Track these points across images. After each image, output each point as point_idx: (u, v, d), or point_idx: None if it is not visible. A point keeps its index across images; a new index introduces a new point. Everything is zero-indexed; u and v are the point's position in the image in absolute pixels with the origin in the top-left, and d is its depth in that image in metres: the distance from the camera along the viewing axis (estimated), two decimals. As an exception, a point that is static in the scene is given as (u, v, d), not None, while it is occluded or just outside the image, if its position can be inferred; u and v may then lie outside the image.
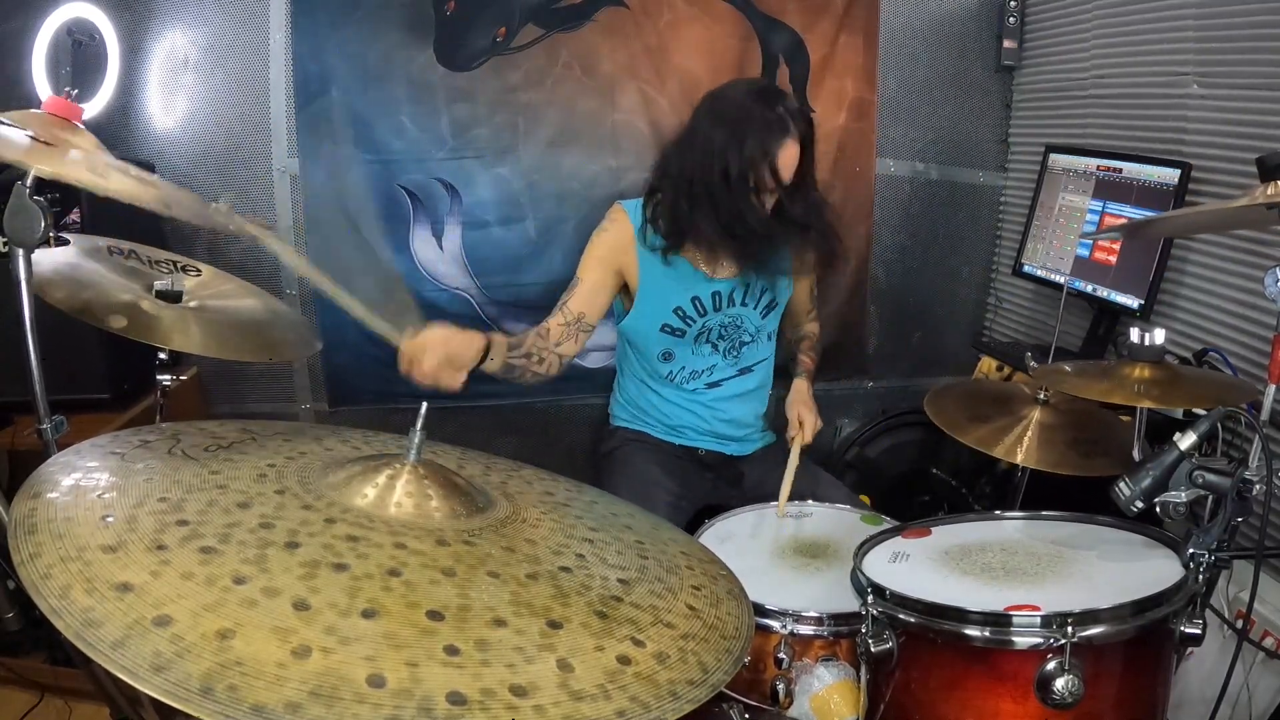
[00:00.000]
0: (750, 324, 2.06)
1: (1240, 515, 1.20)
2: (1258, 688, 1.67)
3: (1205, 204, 2.10)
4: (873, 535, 1.44)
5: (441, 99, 2.54)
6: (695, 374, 2.07)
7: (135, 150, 2.43)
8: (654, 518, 1.27)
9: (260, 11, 2.46)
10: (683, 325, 2.01)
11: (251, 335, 1.68)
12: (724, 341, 2.06)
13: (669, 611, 0.92)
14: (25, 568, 0.74)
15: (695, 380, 2.08)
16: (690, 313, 2.00)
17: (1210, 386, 1.56)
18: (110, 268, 1.62)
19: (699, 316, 2.01)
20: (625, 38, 2.60)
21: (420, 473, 1.00)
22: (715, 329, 2.03)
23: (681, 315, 2.00)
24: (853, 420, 3.08)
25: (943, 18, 2.88)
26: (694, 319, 2.01)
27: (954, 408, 1.76)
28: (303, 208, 2.56)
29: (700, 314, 2.01)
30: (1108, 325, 2.42)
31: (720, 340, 2.05)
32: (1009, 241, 3.02)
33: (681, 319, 2.00)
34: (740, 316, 2.04)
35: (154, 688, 0.64)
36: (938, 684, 1.20)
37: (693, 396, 2.09)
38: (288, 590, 0.76)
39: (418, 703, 0.68)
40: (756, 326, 2.07)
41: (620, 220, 2.00)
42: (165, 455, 1.00)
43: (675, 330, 2.01)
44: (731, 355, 2.08)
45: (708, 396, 2.09)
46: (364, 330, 2.62)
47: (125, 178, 1.24)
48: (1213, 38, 2.14)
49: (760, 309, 2.06)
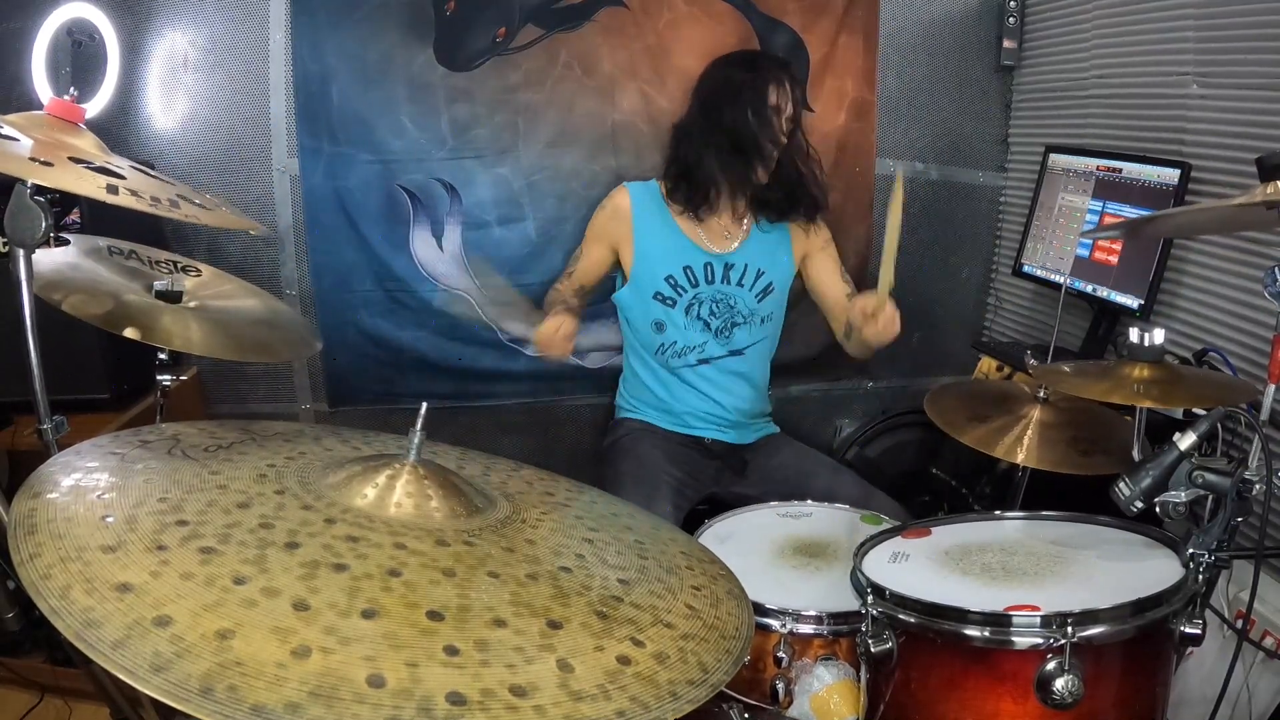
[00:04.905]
0: (744, 305, 2.11)
1: (1240, 515, 1.20)
2: (1258, 688, 1.68)
3: (1205, 203, 2.10)
4: (873, 535, 1.44)
5: (441, 99, 2.54)
6: (686, 349, 2.13)
7: (135, 150, 2.43)
8: (654, 518, 1.27)
9: (260, 11, 2.46)
10: (674, 294, 2.08)
11: (251, 335, 1.68)
12: (715, 319, 2.10)
13: (669, 611, 0.92)
14: (25, 568, 0.74)
15: (686, 356, 2.13)
16: (682, 281, 2.08)
17: (1210, 386, 1.56)
18: (110, 268, 1.62)
19: (690, 286, 2.09)
20: (625, 38, 2.60)
21: (420, 473, 1.00)
22: (707, 303, 2.10)
23: (673, 284, 2.08)
24: (853, 420, 3.08)
25: (943, 18, 2.88)
26: (685, 288, 2.09)
27: (954, 408, 1.76)
28: (303, 208, 2.56)
29: (692, 284, 2.09)
30: (1107, 325, 2.42)
31: (712, 317, 2.10)
32: (1009, 241, 3.02)
33: (673, 287, 2.08)
34: (733, 296, 2.10)
35: (154, 688, 0.64)
36: (938, 684, 1.20)
37: (684, 373, 2.13)
38: (287, 590, 0.76)
39: (417, 703, 0.68)
40: (750, 309, 2.11)
41: (619, 196, 2.19)
42: (165, 455, 1.00)
43: (667, 299, 2.09)
44: (724, 336, 2.12)
45: (697, 374, 2.14)
46: (364, 330, 2.63)
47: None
48: (1213, 38, 2.14)
49: (755, 292, 2.11)
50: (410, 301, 2.65)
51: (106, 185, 1.17)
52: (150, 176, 1.34)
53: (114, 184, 1.18)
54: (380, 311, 2.65)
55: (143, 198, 1.20)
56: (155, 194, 1.24)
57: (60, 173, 1.16)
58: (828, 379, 3.06)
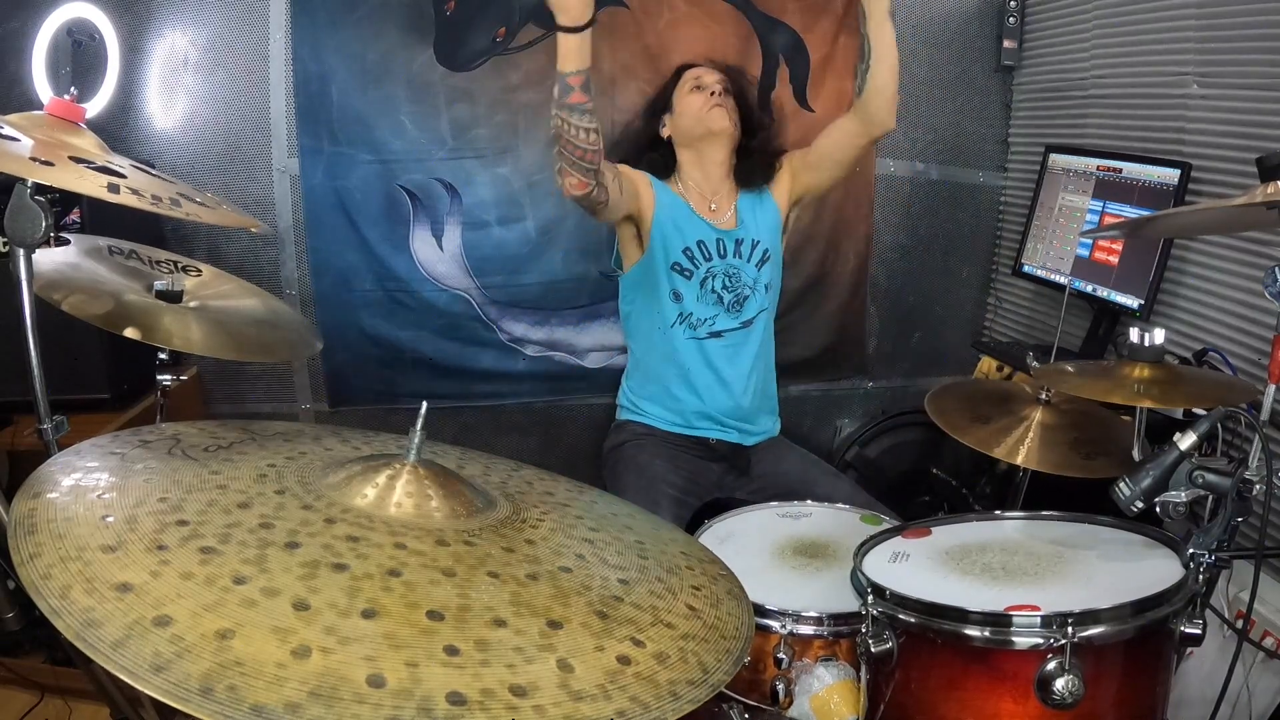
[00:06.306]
0: (748, 276, 2.14)
1: (1240, 515, 1.20)
2: (1258, 688, 1.68)
3: (1205, 203, 2.10)
4: (873, 535, 1.44)
5: (441, 99, 2.54)
6: (700, 321, 2.14)
7: (135, 150, 2.43)
8: (654, 518, 1.27)
9: (260, 11, 2.46)
10: (691, 266, 2.11)
11: (251, 335, 1.68)
12: (728, 293, 2.13)
13: (669, 612, 0.92)
14: (25, 568, 0.74)
15: (701, 328, 2.14)
16: (697, 255, 2.11)
17: (1210, 386, 1.56)
18: (110, 268, 1.62)
19: (704, 260, 2.11)
20: (625, 38, 2.61)
21: (420, 473, 1.00)
22: (720, 276, 2.12)
23: (690, 256, 2.11)
24: (853, 420, 3.08)
25: (943, 18, 2.88)
26: (700, 261, 2.11)
27: (954, 408, 1.76)
28: (303, 208, 2.56)
29: (705, 258, 2.11)
30: (1108, 325, 2.42)
31: (725, 290, 2.13)
32: (1009, 241, 3.02)
33: (690, 259, 2.11)
34: (739, 269, 2.13)
35: (154, 688, 0.64)
36: (938, 684, 1.20)
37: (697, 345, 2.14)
38: (287, 590, 0.76)
39: (417, 703, 0.68)
40: (753, 279, 2.15)
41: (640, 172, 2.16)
42: (165, 455, 1.00)
43: (684, 270, 2.11)
44: (735, 309, 2.14)
45: (710, 346, 2.14)
46: (364, 330, 2.63)
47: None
48: (1213, 38, 2.14)
49: (755, 262, 2.14)
50: (410, 301, 2.65)
51: (107, 184, 1.17)
52: (151, 175, 1.34)
53: (115, 183, 1.18)
54: (380, 311, 2.65)
55: (144, 196, 1.20)
56: (156, 193, 1.24)
57: (61, 172, 1.16)
58: (828, 379, 3.07)
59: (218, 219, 1.38)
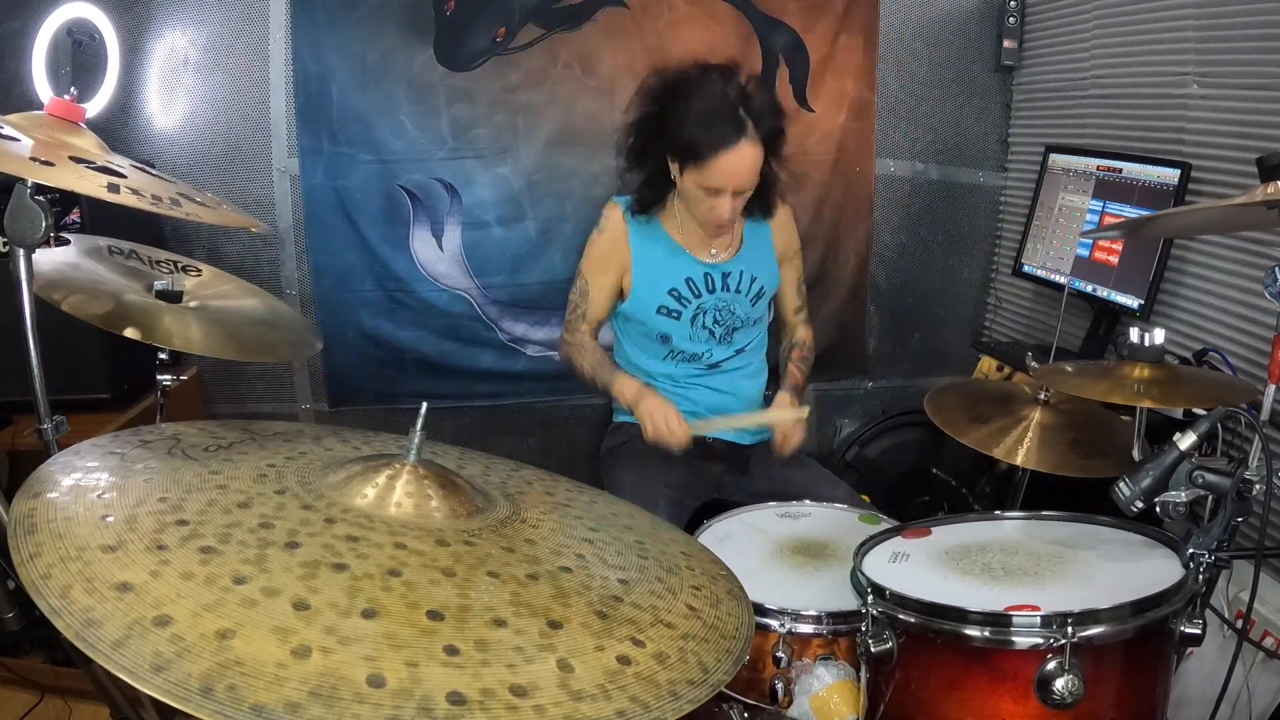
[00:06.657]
0: (741, 310, 2.12)
1: (1240, 515, 1.20)
2: (1258, 688, 1.67)
3: (1205, 203, 2.10)
4: (873, 535, 1.44)
5: (441, 99, 2.54)
6: (694, 357, 2.11)
7: (135, 150, 2.43)
8: (654, 518, 1.27)
9: (260, 11, 2.46)
10: (678, 306, 2.06)
11: (251, 335, 1.68)
12: (719, 326, 2.10)
13: (669, 611, 0.92)
14: (25, 568, 0.74)
15: (695, 363, 2.12)
16: (685, 294, 2.06)
17: (1210, 386, 1.56)
18: (110, 268, 1.62)
19: (694, 298, 2.06)
20: (625, 38, 2.60)
21: (420, 473, 1.00)
22: (711, 312, 2.08)
23: (677, 296, 2.06)
24: (853, 420, 3.08)
25: (943, 18, 2.88)
26: (689, 300, 2.06)
27: (954, 408, 1.76)
28: (303, 208, 2.56)
29: (695, 295, 2.06)
30: (1108, 325, 2.42)
31: (716, 325, 2.10)
32: (1009, 241, 3.02)
33: (677, 300, 2.06)
34: (732, 302, 2.10)
35: (154, 688, 0.64)
36: (938, 684, 1.20)
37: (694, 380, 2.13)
38: (288, 590, 0.76)
39: (418, 703, 0.68)
40: (746, 313, 2.13)
41: (613, 213, 2.11)
42: (165, 455, 1.00)
43: (671, 312, 2.06)
44: (726, 341, 2.12)
45: (709, 379, 2.13)
46: (364, 330, 2.63)
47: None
48: (1213, 38, 2.14)
49: (750, 296, 2.12)
50: (410, 301, 2.65)
51: (107, 184, 1.17)
52: (151, 175, 1.34)
53: (115, 183, 1.18)
54: (380, 311, 2.65)
55: (144, 196, 1.20)
56: (156, 193, 1.24)
57: (61, 172, 1.16)
58: (827, 379, 3.07)
59: (218, 219, 1.38)
